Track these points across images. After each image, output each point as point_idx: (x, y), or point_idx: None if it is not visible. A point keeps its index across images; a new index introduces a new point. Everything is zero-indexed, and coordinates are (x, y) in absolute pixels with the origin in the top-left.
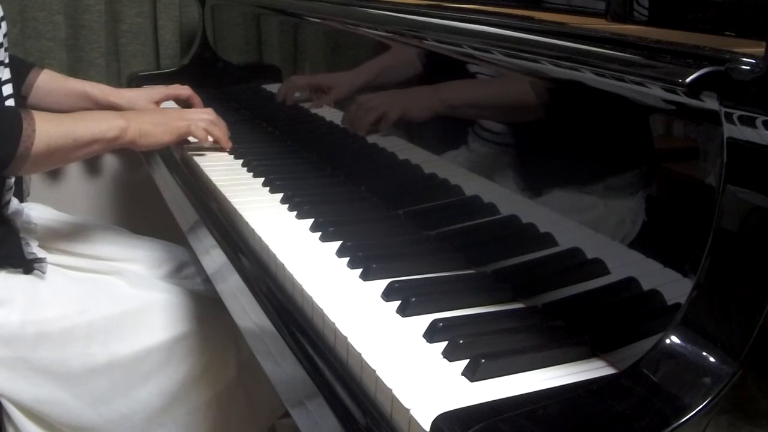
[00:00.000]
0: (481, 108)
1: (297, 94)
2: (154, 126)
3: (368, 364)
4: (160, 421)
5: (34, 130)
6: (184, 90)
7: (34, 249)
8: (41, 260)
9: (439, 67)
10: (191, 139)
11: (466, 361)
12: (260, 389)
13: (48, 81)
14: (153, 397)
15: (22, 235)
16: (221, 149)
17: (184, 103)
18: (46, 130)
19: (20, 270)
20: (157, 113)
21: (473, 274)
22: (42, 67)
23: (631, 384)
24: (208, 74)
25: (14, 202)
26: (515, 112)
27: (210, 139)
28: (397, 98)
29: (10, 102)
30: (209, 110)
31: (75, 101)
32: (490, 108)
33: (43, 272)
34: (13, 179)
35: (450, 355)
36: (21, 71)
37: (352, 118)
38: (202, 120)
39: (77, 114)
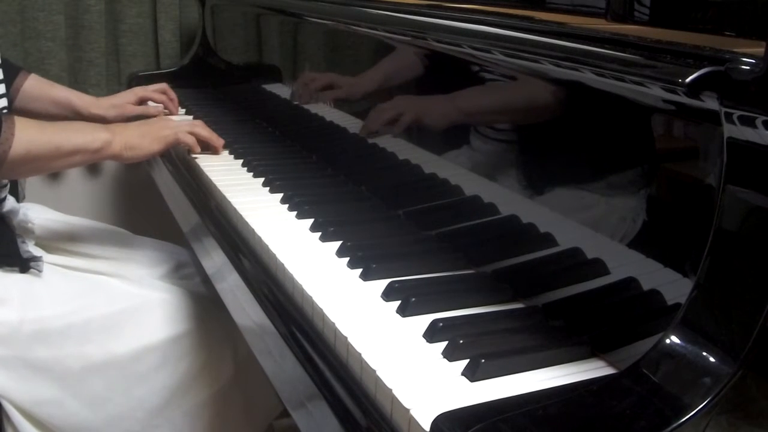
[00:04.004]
0: (491, 114)
1: (308, 94)
2: (141, 138)
3: (368, 364)
4: (156, 421)
5: (12, 134)
6: (158, 94)
7: (30, 248)
8: (37, 259)
9: (447, 71)
10: None
11: (466, 361)
12: (257, 389)
13: (35, 86)
14: (150, 396)
15: (18, 233)
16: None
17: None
18: (27, 136)
19: (16, 269)
20: (142, 125)
21: (473, 274)
22: (29, 72)
23: (631, 384)
24: (208, 74)
25: (10, 201)
26: (518, 115)
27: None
28: (413, 107)
29: (3, 101)
30: (198, 122)
31: (60, 110)
32: (499, 113)
33: (40, 271)
34: None
35: (450, 355)
36: (8, 74)
37: (367, 127)
38: (186, 124)
39: (62, 123)
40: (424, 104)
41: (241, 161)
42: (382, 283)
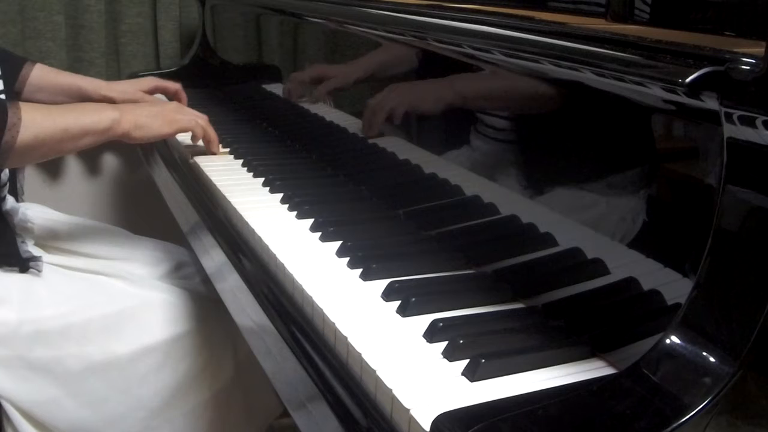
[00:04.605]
0: (487, 100)
1: (301, 91)
2: (151, 118)
3: (368, 364)
4: (156, 422)
5: (20, 119)
6: (172, 84)
7: (30, 248)
8: (37, 259)
9: (443, 62)
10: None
11: (466, 361)
12: (258, 390)
13: (41, 76)
14: (150, 397)
15: (18, 233)
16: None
17: (171, 98)
18: (34, 120)
19: (16, 269)
20: (154, 106)
21: (473, 274)
22: (34, 62)
23: (631, 384)
24: (208, 74)
25: (10, 200)
26: (515, 110)
27: (200, 143)
28: (408, 92)
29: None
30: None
31: (68, 97)
32: (493, 103)
33: (39, 271)
34: (7, 176)
35: (450, 355)
36: (13, 66)
37: (367, 116)
38: (200, 117)
39: (68, 105)
40: (421, 89)
41: (241, 161)
42: (382, 283)
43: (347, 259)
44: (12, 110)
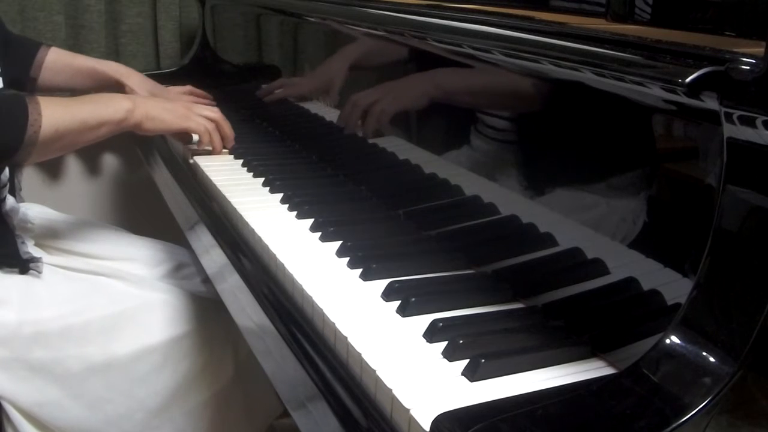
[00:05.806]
0: (477, 97)
1: (287, 94)
2: (163, 111)
3: (368, 364)
4: (157, 422)
5: (40, 114)
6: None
7: (30, 248)
8: (37, 260)
9: (437, 60)
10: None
11: (466, 361)
12: (258, 390)
13: (56, 60)
14: (150, 397)
15: (18, 234)
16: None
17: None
18: (53, 114)
19: (16, 270)
20: (167, 102)
21: (473, 274)
22: (49, 46)
23: (631, 384)
24: (208, 74)
25: (10, 200)
26: (514, 107)
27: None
28: (390, 90)
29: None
30: (216, 110)
31: (84, 79)
32: (488, 98)
33: (39, 272)
34: (7, 176)
35: (450, 355)
36: (29, 50)
37: (348, 116)
38: (209, 122)
39: (83, 97)
40: (402, 86)
41: (241, 161)
42: (382, 283)
43: (347, 259)
44: (32, 106)
